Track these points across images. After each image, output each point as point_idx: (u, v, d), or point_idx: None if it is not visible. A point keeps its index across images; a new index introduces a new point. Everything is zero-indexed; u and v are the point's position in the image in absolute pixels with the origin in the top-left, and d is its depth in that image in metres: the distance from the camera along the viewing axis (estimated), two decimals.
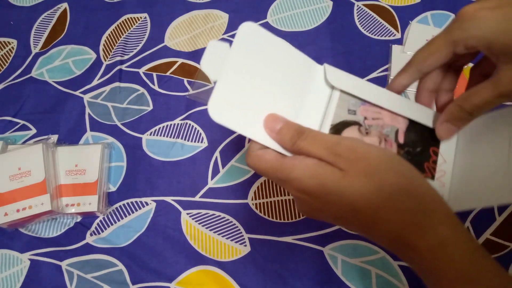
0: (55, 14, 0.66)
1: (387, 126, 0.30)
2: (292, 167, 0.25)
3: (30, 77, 0.61)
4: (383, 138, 0.29)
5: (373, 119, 0.30)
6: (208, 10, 0.64)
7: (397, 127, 0.30)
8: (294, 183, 0.25)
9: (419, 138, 0.30)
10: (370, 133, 0.29)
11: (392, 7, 0.62)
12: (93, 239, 0.51)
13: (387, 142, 0.29)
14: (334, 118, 0.29)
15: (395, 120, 0.30)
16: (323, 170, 0.24)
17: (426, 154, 0.30)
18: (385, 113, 0.30)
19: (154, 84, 0.59)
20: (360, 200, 0.23)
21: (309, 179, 0.24)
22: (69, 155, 0.53)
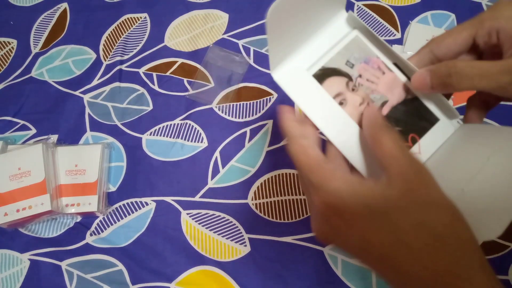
0: (55, 14, 0.66)
1: (377, 93, 0.28)
2: (330, 176, 0.22)
3: (30, 77, 0.61)
4: (367, 101, 0.28)
5: (367, 80, 0.28)
6: (208, 10, 0.64)
7: (387, 99, 0.29)
8: (324, 193, 0.22)
9: (404, 118, 0.29)
10: (356, 91, 0.28)
11: (392, 7, 0.62)
12: (93, 239, 0.51)
13: (369, 106, 0.28)
14: (328, 61, 0.28)
15: (390, 91, 0.29)
16: (365, 191, 0.21)
17: (403, 137, 0.28)
18: (383, 81, 0.29)
19: (154, 84, 0.59)
20: (408, 228, 0.20)
21: (346, 196, 0.21)
22: (69, 155, 0.53)
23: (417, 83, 0.27)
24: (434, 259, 0.20)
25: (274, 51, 0.26)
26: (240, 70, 0.59)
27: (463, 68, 0.25)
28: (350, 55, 0.29)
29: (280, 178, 0.53)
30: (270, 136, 0.55)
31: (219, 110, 0.57)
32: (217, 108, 0.57)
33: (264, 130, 0.55)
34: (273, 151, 0.54)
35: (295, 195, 0.52)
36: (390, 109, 0.29)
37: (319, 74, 0.28)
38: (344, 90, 0.28)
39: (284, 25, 0.25)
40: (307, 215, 0.51)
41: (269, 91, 0.58)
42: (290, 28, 0.26)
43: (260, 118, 0.56)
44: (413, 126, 0.29)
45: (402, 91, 0.29)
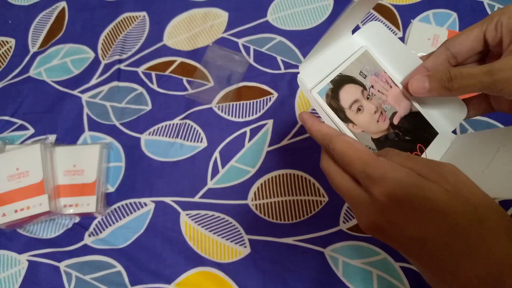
0: (53, 13, 0.65)
1: (388, 104, 0.31)
2: (390, 168, 0.23)
3: (28, 76, 0.61)
4: (381, 110, 0.30)
5: (378, 91, 0.30)
6: (207, 9, 0.64)
7: (395, 110, 0.31)
8: (390, 186, 0.22)
9: (412, 129, 0.31)
10: (370, 100, 0.30)
11: (394, 6, 0.62)
12: (91, 240, 0.50)
13: (382, 115, 0.30)
14: (345, 70, 0.30)
15: (398, 104, 0.31)
16: (429, 185, 0.22)
17: (411, 146, 0.30)
18: (392, 93, 0.31)
19: (153, 84, 0.59)
20: (466, 225, 0.21)
21: (411, 187, 0.22)
22: (67, 155, 0.53)
23: (415, 86, 0.29)
24: (490, 255, 0.21)
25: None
26: (240, 69, 0.58)
27: (461, 73, 0.27)
28: (362, 67, 0.31)
29: (281, 178, 0.52)
30: (270, 136, 0.54)
31: (219, 109, 0.57)
32: (217, 107, 0.57)
33: (264, 130, 0.55)
34: (273, 151, 0.54)
35: (295, 196, 0.51)
36: (400, 120, 0.31)
37: (337, 80, 0.29)
38: (361, 98, 0.30)
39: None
40: (307, 216, 0.50)
41: (269, 91, 0.57)
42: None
43: (260, 118, 0.56)
44: (420, 137, 0.31)
45: (407, 104, 0.31)
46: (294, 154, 0.53)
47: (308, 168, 0.52)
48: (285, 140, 0.54)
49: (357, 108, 0.29)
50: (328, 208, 0.50)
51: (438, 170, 0.22)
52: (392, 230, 0.23)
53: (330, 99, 0.28)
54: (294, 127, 0.55)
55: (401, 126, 0.30)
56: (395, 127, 0.30)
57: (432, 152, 0.30)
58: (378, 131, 0.29)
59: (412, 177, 0.22)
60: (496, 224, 0.21)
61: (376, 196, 0.23)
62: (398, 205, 0.22)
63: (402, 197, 0.22)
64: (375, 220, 0.23)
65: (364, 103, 0.30)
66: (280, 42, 0.60)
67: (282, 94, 0.57)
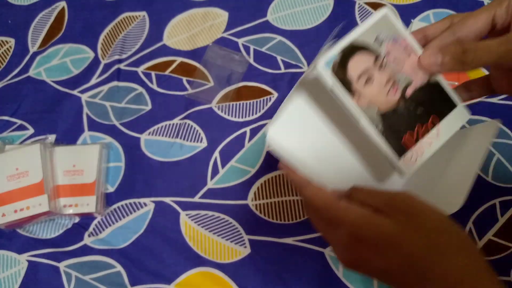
0: (53, 13, 0.65)
1: (402, 74, 0.29)
2: (349, 211, 0.25)
3: (27, 76, 0.61)
4: (392, 80, 0.28)
5: (394, 59, 0.28)
6: (207, 8, 0.63)
7: (411, 81, 0.29)
8: (349, 227, 0.25)
9: (426, 101, 0.29)
10: (383, 69, 0.28)
11: (394, 6, 0.62)
12: (91, 240, 0.50)
13: (393, 86, 0.28)
14: (358, 36, 0.28)
15: (415, 73, 0.29)
16: (382, 221, 0.24)
17: (423, 119, 0.29)
18: (410, 61, 0.29)
19: (152, 83, 0.59)
20: (418, 254, 0.23)
21: (366, 226, 0.24)
22: (67, 155, 0.53)
23: (427, 61, 0.28)
24: (447, 276, 0.23)
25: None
26: (240, 69, 0.58)
27: (475, 46, 0.27)
28: (379, 32, 0.28)
29: (281, 178, 0.52)
30: None
31: (219, 109, 0.57)
32: (217, 107, 0.57)
33: (264, 130, 0.55)
34: None
35: (295, 196, 0.51)
36: (414, 91, 0.29)
37: (348, 48, 0.27)
38: (372, 67, 0.28)
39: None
40: (307, 216, 0.50)
41: (269, 91, 0.57)
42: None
43: (260, 118, 0.56)
44: (434, 109, 0.30)
45: (425, 74, 0.29)
46: None
47: None
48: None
49: (366, 79, 0.28)
50: None
51: (392, 203, 0.25)
52: (364, 264, 0.25)
53: (337, 69, 0.27)
54: None
55: (413, 98, 0.29)
56: (406, 99, 0.29)
57: (447, 125, 0.30)
58: (387, 103, 0.28)
59: (366, 217, 0.25)
60: (447, 246, 0.23)
61: (341, 237, 0.25)
62: (360, 243, 0.25)
63: (361, 236, 0.24)
64: (348, 258, 0.26)
65: (375, 74, 0.28)
66: (280, 42, 0.60)
67: (282, 94, 0.57)
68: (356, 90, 0.28)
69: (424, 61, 0.29)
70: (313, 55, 0.59)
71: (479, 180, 0.50)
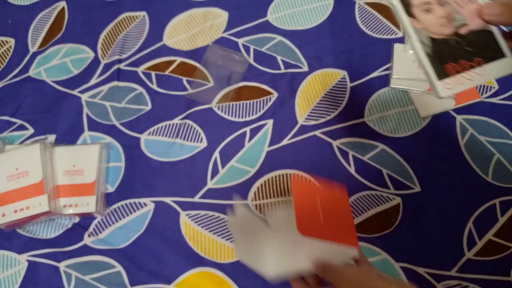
0: (53, 13, 0.65)
1: (460, 15, 0.32)
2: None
3: (27, 76, 0.61)
4: (450, 17, 0.32)
5: (455, 2, 0.32)
6: (207, 8, 0.63)
7: (466, 22, 0.32)
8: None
9: (477, 43, 0.32)
10: (443, 5, 0.32)
11: None
12: (91, 240, 0.50)
13: (449, 21, 0.32)
14: None
15: (472, 18, 0.32)
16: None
17: (469, 57, 0.31)
18: (468, 7, 0.32)
19: (152, 83, 0.59)
20: None
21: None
22: (66, 155, 0.52)
23: (486, 10, 0.30)
24: None
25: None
26: (240, 69, 0.58)
27: None
28: None
29: (281, 178, 0.52)
30: (270, 136, 0.54)
31: (219, 109, 0.56)
32: (217, 107, 0.57)
33: (264, 130, 0.55)
34: (273, 151, 0.54)
35: None
36: (468, 31, 0.32)
37: None
38: (433, 1, 0.31)
39: None
40: None
41: (269, 90, 0.57)
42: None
43: (260, 118, 0.56)
44: (482, 52, 0.32)
45: (481, 21, 0.32)
46: (294, 154, 0.53)
47: (308, 168, 0.52)
48: (285, 140, 0.54)
49: (425, 8, 0.31)
50: None
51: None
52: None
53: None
54: (294, 127, 0.55)
55: (466, 37, 0.32)
56: (459, 35, 0.31)
57: (492, 69, 0.32)
58: (439, 32, 0.31)
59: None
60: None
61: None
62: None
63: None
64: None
65: (435, 7, 0.32)
66: (280, 42, 0.60)
67: (282, 94, 0.57)
68: (414, 14, 0.31)
69: (484, 9, 0.31)
70: (313, 55, 0.59)
71: (479, 180, 0.50)
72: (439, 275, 0.47)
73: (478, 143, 0.52)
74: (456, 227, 0.49)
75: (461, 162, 0.51)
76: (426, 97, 0.54)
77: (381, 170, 0.52)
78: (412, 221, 0.49)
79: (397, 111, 0.55)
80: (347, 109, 0.55)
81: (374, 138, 0.53)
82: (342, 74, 0.57)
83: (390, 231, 0.49)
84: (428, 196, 0.50)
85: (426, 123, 0.54)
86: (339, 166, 0.52)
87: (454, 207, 0.49)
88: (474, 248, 0.48)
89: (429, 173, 0.51)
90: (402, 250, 0.48)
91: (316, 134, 0.54)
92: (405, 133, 0.53)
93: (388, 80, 0.56)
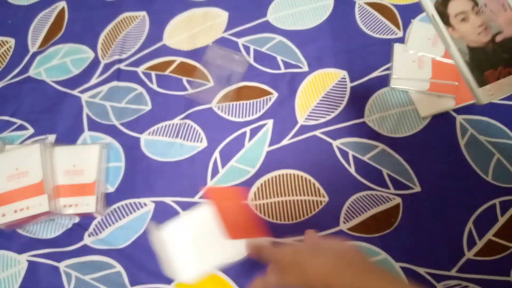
0: (53, 13, 0.65)
1: (496, 23, 0.33)
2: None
3: (27, 76, 0.61)
4: (485, 26, 0.33)
5: (490, 11, 0.33)
6: (207, 8, 0.63)
7: (502, 30, 0.32)
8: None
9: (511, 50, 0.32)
10: (479, 14, 0.33)
11: (394, 6, 0.62)
12: (91, 240, 0.50)
13: (486, 30, 0.33)
14: None
15: (507, 26, 0.33)
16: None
17: (507, 63, 0.32)
18: (503, 16, 0.33)
19: (152, 83, 0.59)
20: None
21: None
22: (67, 155, 0.53)
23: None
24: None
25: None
26: (240, 69, 0.58)
27: None
28: None
29: (281, 178, 0.52)
30: (270, 136, 0.54)
31: (219, 109, 0.57)
32: (217, 107, 0.57)
33: (264, 130, 0.55)
34: (273, 151, 0.54)
35: (295, 196, 0.51)
36: (503, 39, 0.33)
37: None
38: (469, 11, 0.33)
39: None
40: (307, 216, 0.50)
41: (269, 90, 0.57)
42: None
43: (260, 118, 0.56)
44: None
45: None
46: (294, 154, 0.53)
47: (308, 168, 0.52)
48: (285, 140, 0.54)
49: (462, 18, 0.33)
50: (328, 208, 0.50)
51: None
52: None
53: (438, 4, 0.32)
54: (294, 127, 0.55)
55: (502, 44, 0.32)
56: (495, 42, 0.32)
57: None
58: (476, 41, 0.32)
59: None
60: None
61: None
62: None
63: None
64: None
65: (471, 16, 0.33)
66: (280, 42, 0.60)
67: (282, 94, 0.57)
68: (451, 24, 0.32)
69: None
70: (313, 55, 0.59)
71: (479, 180, 0.50)
72: (439, 275, 0.47)
73: (478, 143, 0.52)
74: (456, 227, 0.49)
75: (461, 162, 0.51)
76: (426, 97, 0.54)
77: (381, 170, 0.52)
78: (412, 221, 0.49)
79: (397, 111, 0.55)
80: (347, 109, 0.55)
81: (374, 138, 0.53)
82: (342, 74, 0.57)
83: (390, 231, 0.49)
84: (428, 196, 0.50)
85: (426, 123, 0.54)
86: (339, 166, 0.52)
87: (454, 207, 0.49)
88: (474, 248, 0.48)
89: (429, 173, 0.51)
90: (402, 250, 0.48)
91: (316, 134, 0.54)
92: (405, 133, 0.53)
93: (388, 80, 0.56)
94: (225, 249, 0.40)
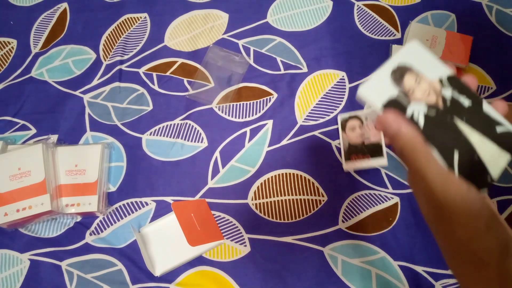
0: (55, 14, 0.66)
1: (368, 133, 0.41)
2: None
3: (30, 77, 0.61)
4: (363, 135, 0.42)
5: (367, 126, 0.41)
6: (208, 10, 0.64)
7: (370, 137, 0.42)
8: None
9: (371, 147, 0.42)
10: (361, 128, 0.44)
11: (392, 7, 0.62)
12: (92, 239, 0.51)
13: (361, 136, 0.43)
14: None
15: (373, 136, 0.43)
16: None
17: (364, 153, 0.41)
18: (373, 130, 0.50)
19: (154, 84, 0.59)
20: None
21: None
22: (69, 155, 0.53)
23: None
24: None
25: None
26: (240, 70, 0.59)
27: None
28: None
29: (280, 178, 0.53)
30: (270, 136, 0.55)
31: (219, 110, 0.57)
32: (217, 108, 0.57)
33: (264, 130, 0.55)
34: (273, 151, 0.54)
35: (295, 195, 0.52)
36: (369, 142, 0.43)
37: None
38: (357, 126, 0.46)
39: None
40: (307, 215, 0.51)
41: (269, 91, 0.58)
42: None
43: (260, 118, 0.56)
44: (371, 152, 0.51)
45: (378, 138, 0.48)
46: (294, 154, 0.54)
47: (307, 168, 0.53)
48: (285, 140, 0.55)
49: (352, 129, 0.43)
50: (327, 208, 0.51)
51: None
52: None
53: (343, 120, 0.47)
54: (294, 127, 0.55)
55: (367, 145, 0.42)
56: (364, 144, 0.42)
57: (373, 161, 0.51)
58: (355, 142, 0.47)
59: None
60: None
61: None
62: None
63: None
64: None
65: (357, 129, 0.51)
66: (280, 43, 0.61)
67: (281, 95, 0.57)
68: (346, 131, 0.43)
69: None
70: (312, 56, 0.59)
71: None
72: (437, 273, 0.47)
73: None
74: None
75: None
76: None
77: (380, 169, 0.52)
78: (410, 220, 0.50)
79: None
80: (346, 110, 0.56)
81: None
82: (341, 75, 0.58)
83: (389, 230, 0.50)
84: None
85: None
86: (338, 166, 0.53)
87: None
88: None
89: None
90: (400, 248, 0.49)
91: (315, 134, 0.55)
92: None
93: None
94: (189, 248, 0.47)
